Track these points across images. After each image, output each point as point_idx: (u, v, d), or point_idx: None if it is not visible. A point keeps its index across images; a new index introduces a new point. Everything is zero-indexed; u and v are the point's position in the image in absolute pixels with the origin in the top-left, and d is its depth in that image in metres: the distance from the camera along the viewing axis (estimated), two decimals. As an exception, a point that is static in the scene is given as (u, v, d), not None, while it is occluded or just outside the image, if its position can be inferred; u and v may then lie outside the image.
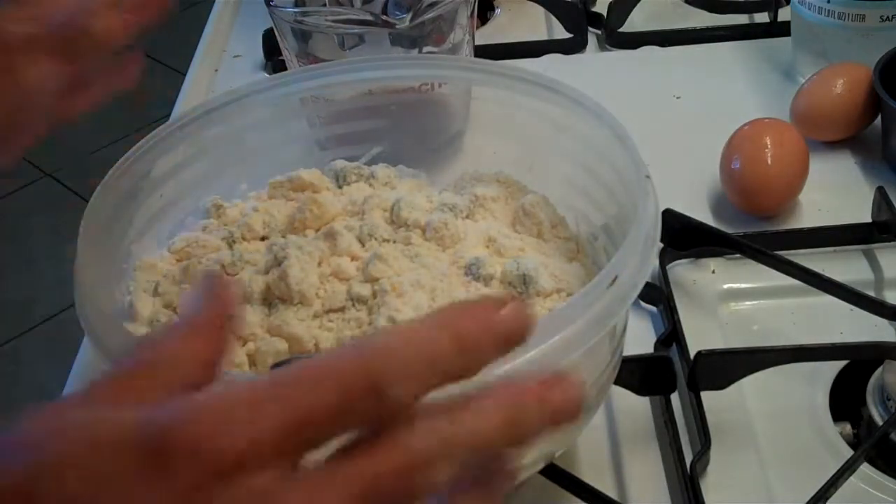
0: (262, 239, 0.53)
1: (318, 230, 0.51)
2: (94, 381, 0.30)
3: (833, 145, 0.71)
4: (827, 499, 0.47)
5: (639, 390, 0.54)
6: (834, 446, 0.52)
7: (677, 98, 0.78)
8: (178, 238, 0.53)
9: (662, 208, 0.48)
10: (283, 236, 0.52)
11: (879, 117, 0.70)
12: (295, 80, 0.56)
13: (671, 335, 0.57)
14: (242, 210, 0.54)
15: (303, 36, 0.68)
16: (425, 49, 0.67)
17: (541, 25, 0.90)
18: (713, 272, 0.62)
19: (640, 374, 0.53)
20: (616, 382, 0.51)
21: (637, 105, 0.74)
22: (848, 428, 0.54)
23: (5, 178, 2.23)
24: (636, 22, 0.87)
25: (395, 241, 0.50)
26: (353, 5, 0.73)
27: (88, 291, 0.44)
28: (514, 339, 0.30)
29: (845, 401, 0.55)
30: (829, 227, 0.63)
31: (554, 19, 0.89)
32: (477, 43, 0.72)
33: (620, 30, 0.86)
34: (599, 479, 0.50)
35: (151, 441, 0.26)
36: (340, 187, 0.56)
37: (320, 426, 0.27)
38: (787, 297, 0.60)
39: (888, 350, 0.54)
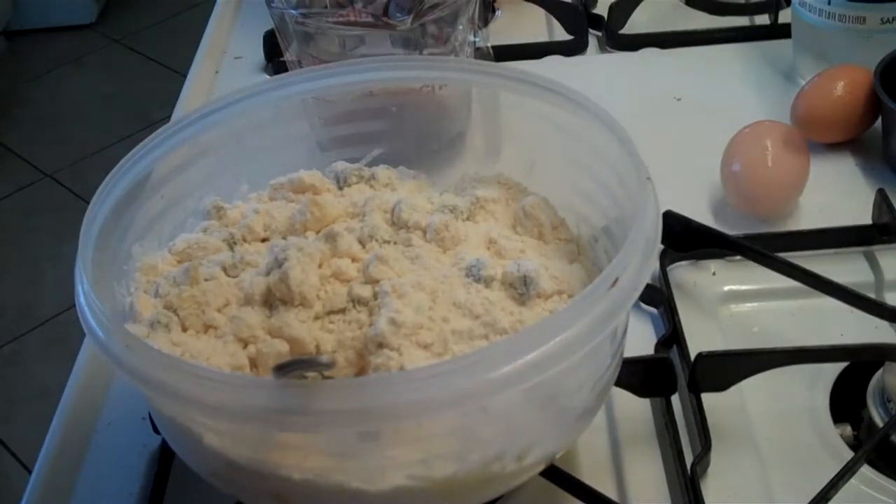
0: (263, 240, 0.53)
1: (318, 232, 0.51)
2: None
3: (833, 147, 0.71)
4: (827, 500, 0.47)
5: (639, 392, 0.54)
6: (834, 448, 0.52)
7: (678, 100, 0.78)
8: (178, 239, 0.53)
9: (663, 210, 0.48)
10: (284, 238, 0.52)
11: (880, 119, 0.70)
12: (296, 82, 0.56)
13: (672, 337, 0.57)
14: (243, 211, 0.54)
15: (304, 37, 0.68)
16: (426, 51, 0.67)
17: (541, 27, 0.90)
18: (714, 274, 0.62)
19: (641, 376, 0.53)
20: (617, 384, 0.51)
21: (638, 107, 0.74)
22: (848, 430, 0.55)
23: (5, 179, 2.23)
24: (637, 24, 0.87)
25: (395, 243, 0.50)
26: (353, 6, 0.73)
27: (89, 292, 0.44)
28: None
29: (846, 402, 0.55)
30: (830, 228, 0.63)
31: (554, 21, 0.89)
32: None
33: (621, 32, 0.86)
34: (600, 481, 0.50)
35: None
36: (341, 189, 0.56)
37: None
38: (788, 299, 0.60)
39: (888, 352, 0.54)
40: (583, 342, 0.40)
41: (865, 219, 0.63)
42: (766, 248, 0.60)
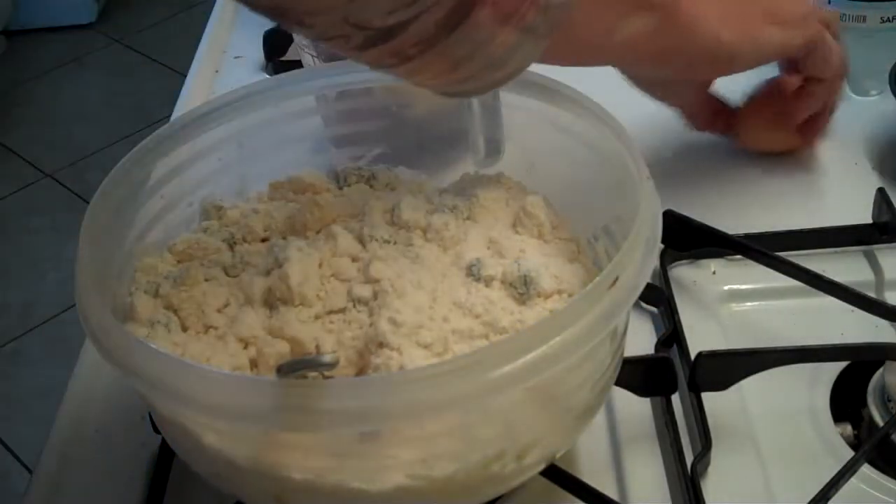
0: (263, 241, 0.53)
1: (318, 231, 0.52)
2: None
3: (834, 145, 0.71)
4: (828, 500, 0.47)
5: (640, 391, 0.54)
6: (834, 447, 0.52)
7: (678, 99, 0.78)
8: (178, 239, 0.53)
9: (663, 209, 0.47)
10: (284, 238, 0.52)
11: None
12: (295, 82, 0.56)
13: (672, 336, 0.57)
14: (243, 211, 0.54)
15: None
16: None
17: (541, 26, 0.90)
18: (714, 273, 0.62)
19: (641, 375, 0.53)
20: (617, 383, 0.51)
21: (637, 106, 0.74)
22: (849, 429, 0.54)
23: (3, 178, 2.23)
24: (637, 23, 0.87)
25: (395, 243, 0.50)
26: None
27: (89, 292, 0.44)
28: None
29: (846, 402, 0.55)
30: (830, 228, 0.63)
31: (554, 20, 0.89)
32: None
33: (621, 31, 0.86)
34: (600, 480, 0.50)
35: None
36: (341, 188, 0.56)
37: None
38: (788, 298, 0.60)
39: (889, 351, 0.54)
40: (583, 342, 0.40)
41: (866, 218, 0.63)
42: (767, 247, 0.60)
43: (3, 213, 2.17)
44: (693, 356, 0.53)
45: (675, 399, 0.54)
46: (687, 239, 0.62)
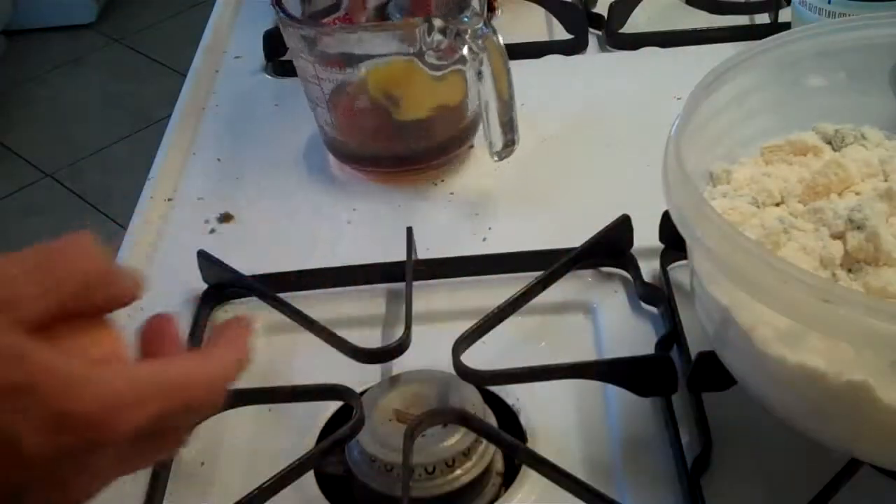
0: (776, 205, 0.52)
1: (839, 194, 0.51)
2: None
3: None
4: (828, 500, 0.47)
5: (640, 391, 0.54)
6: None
7: (678, 99, 0.78)
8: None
9: (662, 210, 0.47)
10: (800, 202, 0.51)
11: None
12: (794, 40, 0.56)
13: (672, 336, 0.57)
14: (752, 175, 0.53)
15: (306, 40, 0.68)
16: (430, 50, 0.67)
17: (541, 26, 0.90)
18: (714, 273, 0.62)
19: (641, 375, 0.53)
20: (617, 384, 0.51)
21: (637, 106, 0.74)
22: (849, 429, 0.54)
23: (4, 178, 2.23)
24: (637, 23, 0.87)
25: None
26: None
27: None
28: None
29: (846, 402, 0.55)
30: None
31: (555, 20, 0.89)
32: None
33: (621, 31, 0.86)
34: (600, 480, 0.50)
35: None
36: (835, 150, 0.55)
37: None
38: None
39: (889, 351, 0.54)
40: None
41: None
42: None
43: (2, 213, 2.17)
44: (693, 356, 0.53)
45: (676, 399, 0.54)
46: (687, 239, 0.62)
